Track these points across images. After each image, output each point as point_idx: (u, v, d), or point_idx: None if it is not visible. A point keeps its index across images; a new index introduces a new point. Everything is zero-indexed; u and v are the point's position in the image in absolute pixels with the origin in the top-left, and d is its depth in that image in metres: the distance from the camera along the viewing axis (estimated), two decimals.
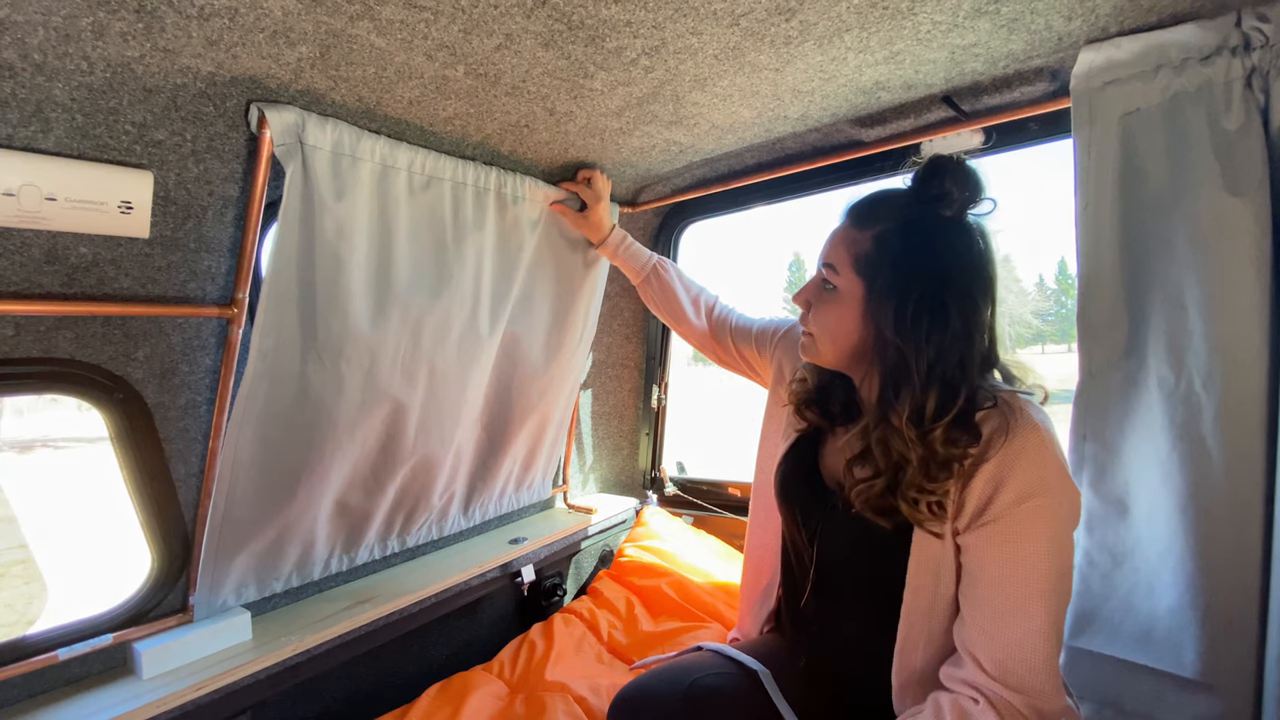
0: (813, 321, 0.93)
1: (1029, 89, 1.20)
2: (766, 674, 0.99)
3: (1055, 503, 0.77)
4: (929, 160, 0.87)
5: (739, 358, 1.36)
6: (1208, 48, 0.98)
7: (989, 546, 0.79)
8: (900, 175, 0.92)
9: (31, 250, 0.89)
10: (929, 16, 0.96)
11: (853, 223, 0.90)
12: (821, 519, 0.97)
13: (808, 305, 0.95)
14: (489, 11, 0.86)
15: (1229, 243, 0.98)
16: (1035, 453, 0.77)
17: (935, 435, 0.79)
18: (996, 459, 0.78)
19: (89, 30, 0.78)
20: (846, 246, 0.89)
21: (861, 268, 0.87)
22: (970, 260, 0.84)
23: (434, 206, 1.28)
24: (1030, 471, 0.77)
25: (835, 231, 0.92)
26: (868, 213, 0.90)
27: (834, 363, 0.95)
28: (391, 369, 1.27)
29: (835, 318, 0.90)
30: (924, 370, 0.81)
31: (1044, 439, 0.78)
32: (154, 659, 1.07)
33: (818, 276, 0.93)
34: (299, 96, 1.02)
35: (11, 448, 11.68)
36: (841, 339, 0.90)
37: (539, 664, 1.43)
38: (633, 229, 1.95)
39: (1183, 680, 1.03)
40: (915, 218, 0.86)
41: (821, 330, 0.92)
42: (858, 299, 0.87)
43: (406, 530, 1.53)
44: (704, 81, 1.13)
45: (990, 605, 0.78)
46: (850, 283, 0.88)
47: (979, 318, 0.83)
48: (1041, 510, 0.77)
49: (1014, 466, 0.77)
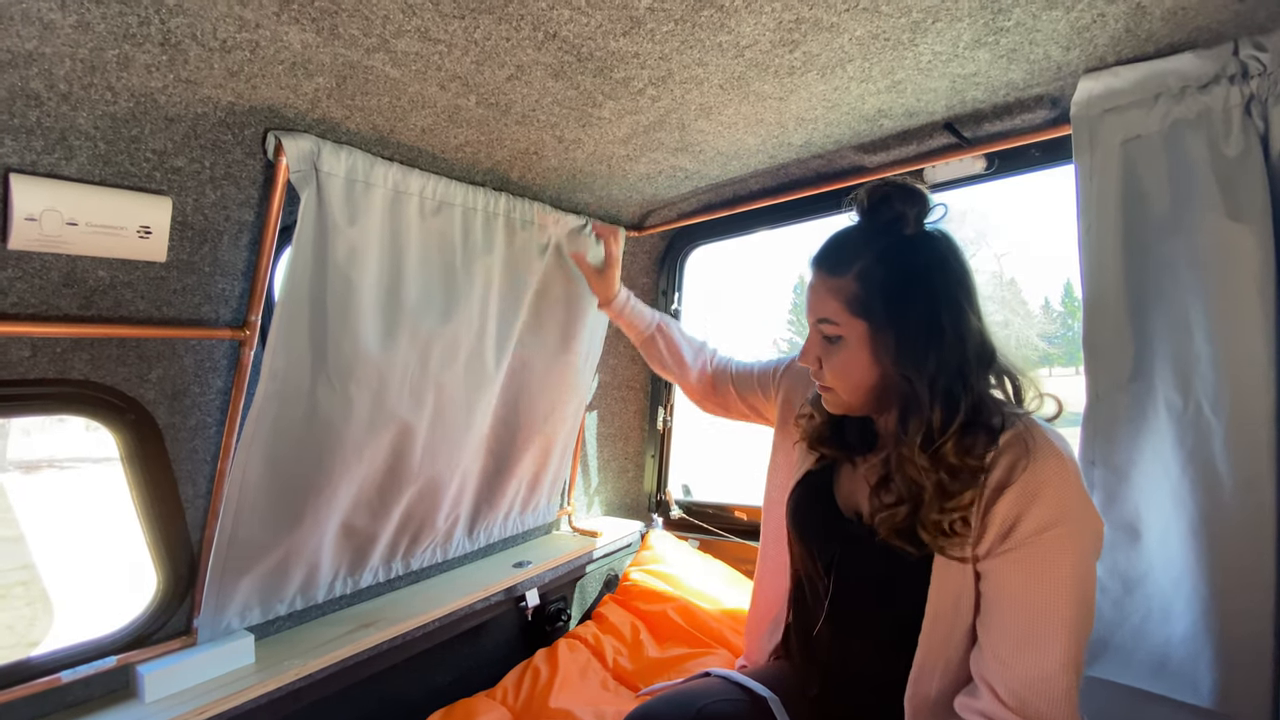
0: (827, 376, 0.92)
1: (1029, 116, 1.21)
2: (776, 701, 0.97)
3: (1078, 531, 0.77)
4: (869, 193, 0.89)
5: (741, 403, 1.36)
6: (1206, 76, 0.99)
7: (1010, 574, 0.78)
8: (844, 214, 0.95)
9: (50, 273, 0.91)
10: (929, 47, 0.98)
11: (829, 272, 0.90)
12: (840, 547, 0.96)
13: (818, 362, 0.93)
14: (501, 44, 0.89)
15: (1232, 267, 0.98)
16: (1059, 480, 0.77)
17: (946, 449, 0.79)
18: (1018, 485, 0.78)
19: (114, 62, 0.80)
20: (833, 295, 0.89)
21: (856, 309, 0.87)
22: (946, 266, 0.86)
23: (444, 231, 1.30)
24: (1053, 500, 0.76)
25: (812, 287, 0.92)
26: (837, 259, 0.90)
27: (859, 408, 0.94)
28: (400, 391, 1.28)
29: (847, 365, 0.90)
30: (927, 387, 0.82)
31: (1067, 467, 0.78)
32: (157, 682, 1.07)
33: (816, 334, 0.92)
34: (315, 125, 1.05)
35: (18, 468, 11.73)
36: (860, 382, 0.90)
37: (543, 690, 1.41)
38: (639, 252, 1.97)
39: (1199, 710, 1.00)
40: (884, 246, 0.87)
41: (838, 380, 0.91)
42: (864, 340, 0.88)
43: (411, 553, 1.53)
44: (709, 110, 1.15)
45: (1009, 635, 0.78)
46: (851, 327, 0.88)
47: (968, 321, 0.85)
48: (1064, 539, 0.76)
49: (1037, 494, 0.77)
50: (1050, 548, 0.76)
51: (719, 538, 2.05)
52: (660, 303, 2.09)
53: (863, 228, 0.92)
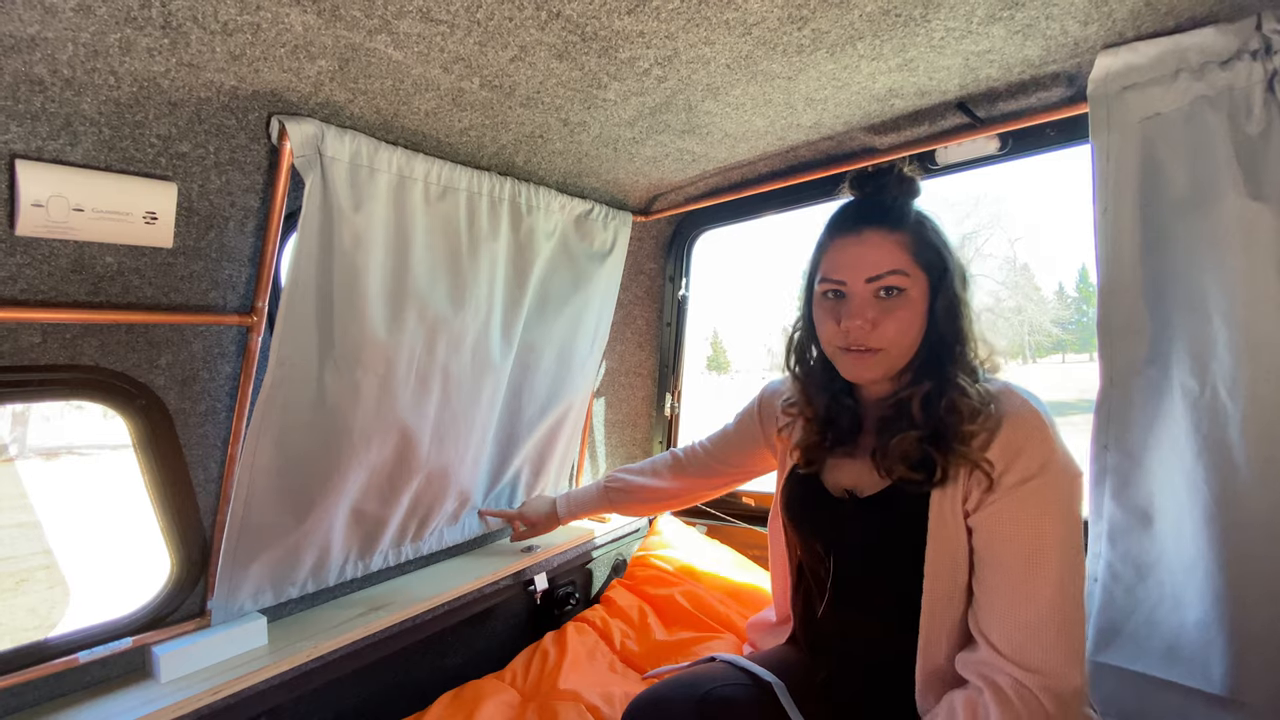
0: (882, 336, 0.88)
1: (1045, 94, 1.19)
2: (781, 686, 0.98)
3: (1056, 481, 0.81)
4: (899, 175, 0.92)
5: (732, 468, 1.35)
6: (1227, 51, 0.96)
7: (996, 527, 0.82)
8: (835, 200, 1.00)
9: (59, 259, 0.91)
10: (942, 23, 0.96)
11: (890, 225, 0.89)
12: (833, 526, 0.98)
13: (873, 323, 0.88)
14: (504, 24, 0.88)
15: (1252, 247, 0.96)
16: (1039, 436, 0.82)
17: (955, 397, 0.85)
18: (1000, 442, 0.83)
19: (116, 46, 0.80)
20: (899, 247, 0.88)
21: (921, 261, 0.89)
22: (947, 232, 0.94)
23: (449, 216, 1.29)
24: (1031, 453, 0.81)
25: (865, 241, 0.89)
26: (896, 212, 0.90)
27: (896, 370, 0.92)
28: (407, 376, 1.28)
29: (910, 319, 0.88)
30: (963, 331, 0.89)
31: (1042, 422, 0.83)
32: (172, 663, 1.08)
33: (868, 293, 0.88)
34: (319, 109, 1.04)
35: (38, 454, 11.93)
36: (914, 340, 0.90)
37: (551, 672, 1.42)
38: (645, 238, 1.95)
39: (1211, 697, 1.00)
40: (919, 212, 0.93)
41: (898, 336, 0.88)
42: (923, 293, 0.89)
43: (420, 537, 1.54)
44: (716, 90, 1.14)
45: (1000, 586, 0.81)
46: (917, 279, 0.88)
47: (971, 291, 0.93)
48: (1043, 489, 0.81)
49: (1019, 449, 0.82)
50: (1031, 499, 0.81)
51: (726, 523, 2.05)
52: (667, 289, 2.07)
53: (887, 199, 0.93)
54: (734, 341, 41.98)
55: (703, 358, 35.21)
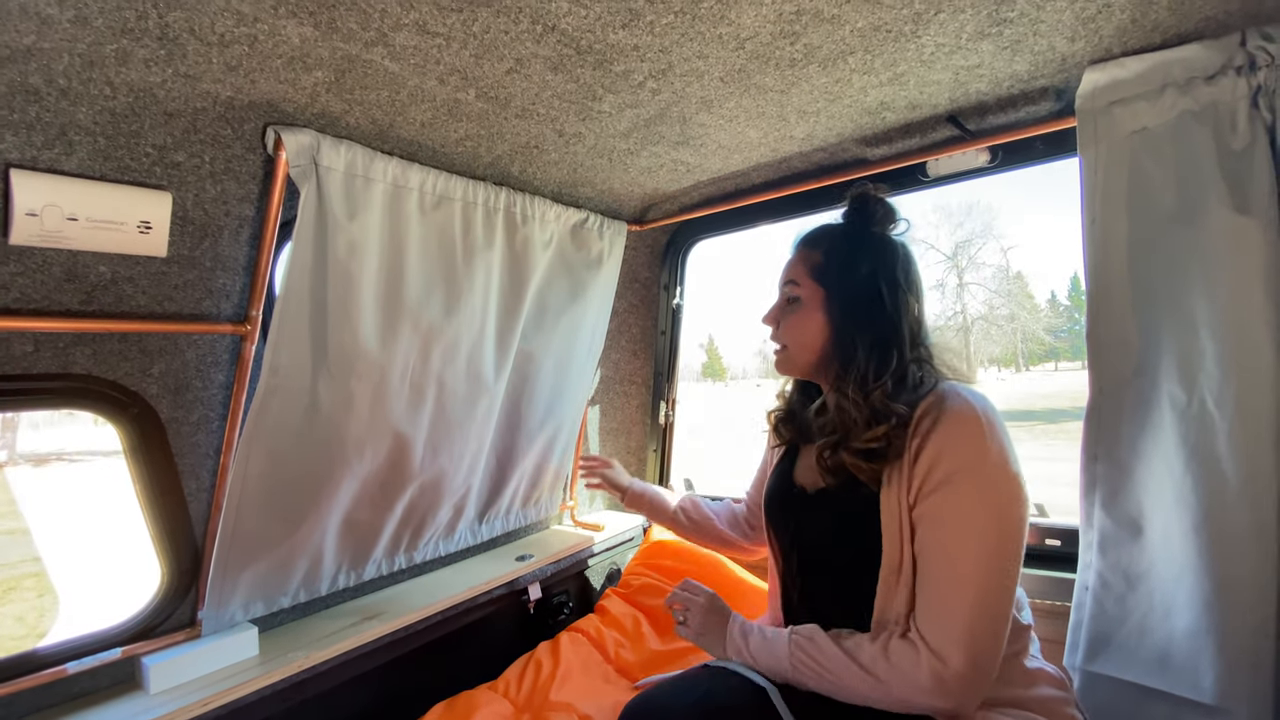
0: (784, 335, 1.05)
1: (1034, 108, 1.20)
2: (774, 691, 0.98)
3: (979, 483, 0.84)
4: (854, 196, 1.04)
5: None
6: (1213, 67, 0.98)
7: (923, 521, 0.87)
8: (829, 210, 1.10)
9: (52, 268, 0.91)
10: (932, 39, 0.97)
11: (806, 246, 1.06)
12: (796, 519, 1.05)
13: (776, 322, 1.07)
14: (500, 37, 0.88)
15: (1238, 261, 0.97)
16: (968, 434, 0.85)
17: (876, 394, 0.91)
18: (934, 439, 0.86)
19: (113, 57, 0.80)
20: (803, 264, 1.04)
21: (818, 276, 1.02)
22: (895, 259, 0.99)
23: (444, 226, 1.30)
24: (958, 452, 0.85)
25: (790, 260, 1.07)
26: (815, 237, 1.06)
27: (805, 369, 1.05)
28: (401, 386, 1.28)
29: (802, 326, 1.02)
30: (867, 344, 0.95)
31: (978, 422, 0.86)
32: (162, 674, 1.08)
33: (781, 297, 1.06)
34: (314, 119, 1.05)
35: (28, 461, 11.82)
36: (810, 342, 1.02)
37: (545, 683, 1.41)
38: (640, 247, 1.96)
39: (1200, 706, 1.00)
40: (851, 232, 1.04)
41: (793, 340, 1.04)
42: (819, 303, 1.01)
43: (413, 546, 1.53)
44: (710, 103, 1.15)
45: (924, 572, 0.86)
46: (811, 291, 1.02)
47: (906, 305, 0.97)
48: (965, 489, 0.84)
49: (944, 447, 0.85)
50: (954, 497, 0.84)
51: None
52: (662, 298, 2.08)
53: (841, 221, 1.06)
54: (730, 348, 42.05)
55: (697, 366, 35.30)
